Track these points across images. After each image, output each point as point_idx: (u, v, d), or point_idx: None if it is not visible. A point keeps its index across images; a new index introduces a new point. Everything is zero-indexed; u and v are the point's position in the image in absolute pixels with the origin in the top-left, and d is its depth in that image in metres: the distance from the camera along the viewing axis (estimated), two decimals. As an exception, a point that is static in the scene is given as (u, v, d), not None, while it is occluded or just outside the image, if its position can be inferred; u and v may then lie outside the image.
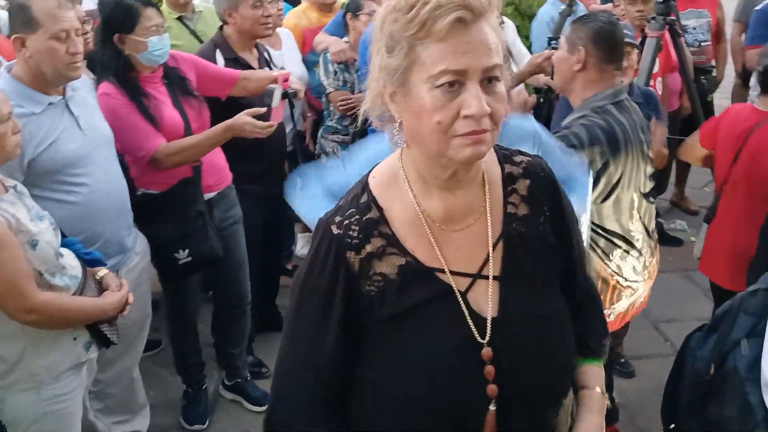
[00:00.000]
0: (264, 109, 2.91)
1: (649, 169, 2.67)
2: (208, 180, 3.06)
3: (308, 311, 1.29)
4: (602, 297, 2.65)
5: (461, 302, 1.24)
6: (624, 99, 2.58)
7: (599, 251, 2.62)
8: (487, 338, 1.23)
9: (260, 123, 2.86)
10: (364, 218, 1.26)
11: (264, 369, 3.66)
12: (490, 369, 1.22)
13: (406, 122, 1.20)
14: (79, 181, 2.48)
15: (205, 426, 3.29)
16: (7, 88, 2.34)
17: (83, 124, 2.53)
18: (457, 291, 1.24)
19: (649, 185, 2.68)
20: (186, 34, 4.09)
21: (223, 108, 3.16)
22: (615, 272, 2.63)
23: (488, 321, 1.24)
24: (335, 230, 1.26)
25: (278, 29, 4.00)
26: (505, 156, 1.36)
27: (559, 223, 1.36)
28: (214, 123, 3.00)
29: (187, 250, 2.89)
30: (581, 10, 4.82)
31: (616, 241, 2.62)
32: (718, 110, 5.63)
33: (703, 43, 5.11)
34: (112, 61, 2.82)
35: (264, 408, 3.31)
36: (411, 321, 1.23)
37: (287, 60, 3.91)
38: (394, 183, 1.29)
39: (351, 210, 1.27)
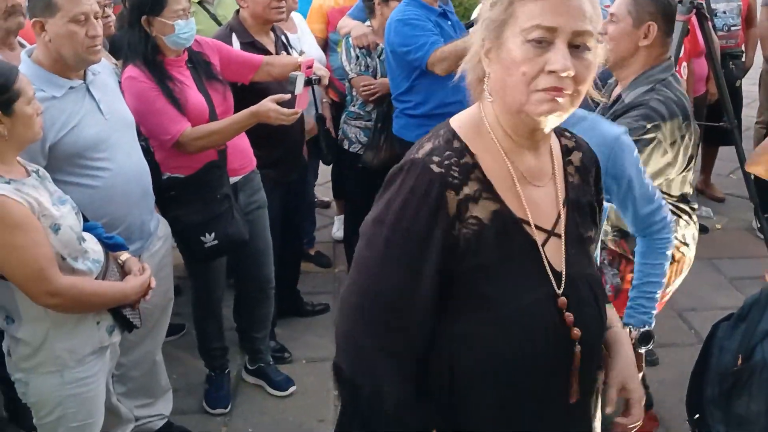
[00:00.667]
0: (288, 96, 2.90)
1: None
2: (234, 164, 3.06)
3: (401, 253, 1.25)
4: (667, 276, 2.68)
5: (543, 256, 1.31)
6: (675, 71, 2.61)
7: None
8: (563, 289, 1.32)
9: (285, 110, 2.85)
10: (462, 160, 1.28)
11: (287, 354, 3.68)
12: (569, 316, 1.31)
13: (494, 75, 1.26)
14: (100, 165, 2.49)
15: (227, 410, 3.30)
16: (28, 72, 2.33)
17: (104, 108, 2.53)
18: (540, 243, 1.31)
19: None
20: (206, 18, 4.09)
21: (245, 93, 3.15)
22: (682, 242, 2.64)
23: (563, 274, 1.33)
24: (436, 168, 1.25)
25: (292, 13, 3.99)
26: (559, 130, 1.45)
27: (598, 197, 1.49)
28: (236, 108, 2.99)
29: (213, 234, 2.89)
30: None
31: (682, 206, 2.65)
32: (747, 96, 5.56)
33: (732, 28, 5.03)
34: (140, 44, 2.82)
35: (287, 392, 3.38)
36: (501, 270, 1.27)
37: (304, 43, 3.89)
38: (479, 135, 1.32)
39: (448, 152, 1.28)
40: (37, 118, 2.12)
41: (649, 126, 2.37)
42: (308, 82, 3.03)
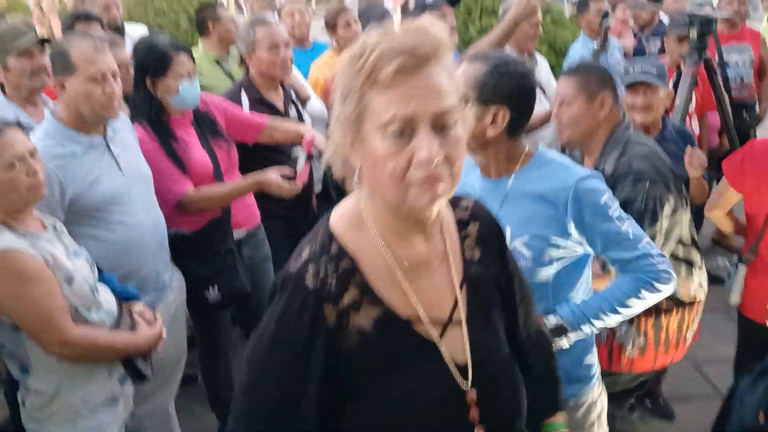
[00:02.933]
0: (291, 171, 2.98)
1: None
2: (238, 217, 3.12)
3: (280, 371, 1.19)
4: (683, 325, 2.67)
5: (441, 350, 1.22)
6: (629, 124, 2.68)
7: (683, 269, 2.62)
8: (470, 382, 1.23)
9: (286, 184, 2.93)
10: (339, 268, 1.20)
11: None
12: (475, 412, 1.23)
13: (366, 170, 1.18)
14: (118, 219, 2.55)
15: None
16: (50, 129, 2.44)
17: (123, 163, 2.61)
18: (436, 339, 1.23)
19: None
20: (221, 75, 4.22)
21: (248, 151, 3.26)
22: (699, 287, 2.65)
23: (469, 366, 1.24)
24: (311, 282, 1.18)
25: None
26: (452, 200, 1.34)
27: (505, 268, 1.38)
28: (241, 162, 3.10)
29: (217, 288, 2.95)
30: (614, 46, 4.84)
31: (693, 252, 2.65)
32: (761, 146, 5.55)
33: (745, 79, 5.06)
34: (144, 104, 2.92)
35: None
36: (393, 375, 1.20)
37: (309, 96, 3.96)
38: (359, 229, 1.24)
39: (324, 258, 1.20)
40: (25, 179, 2.13)
41: (647, 187, 2.43)
42: (309, 158, 3.12)
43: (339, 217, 1.27)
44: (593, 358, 2.12)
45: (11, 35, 2.97)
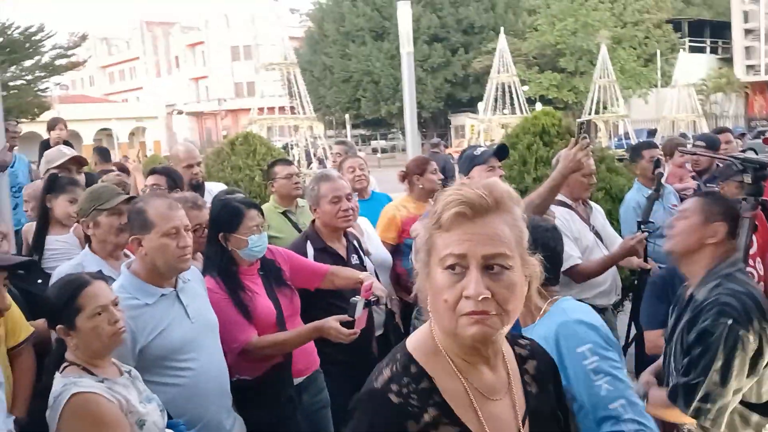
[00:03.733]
0: (350, 318, 3.08)
1: None
2: (298, 364, 3.21)
3: None
4: None
5: None
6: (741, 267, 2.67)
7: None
8: None
9: (345, 330, 3.03)
10: (419, 387, 1.30)
11: None
12: None
13: (429, 301, 1.34)
14: (185, 366, 2.68)
15: None
16: (125, 282, 2.64)
17: (191, 312, 2.77)
18: None
19: None
20: (288, 227, 4.45)
21: (311, 296, 3.41)
22: None
23: None
24: (395, 399, 1.29)
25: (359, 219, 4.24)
26: (512, 338, 1.48)
27: (560, 403, 1.50)
28: (303, 308, 3.24)
29: None
30: (669, 191, 4.90)
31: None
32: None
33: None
34: (216, 257, 3.12)
35: None
36: None
37: (370, 245, 4.11)
38: (434, 355, 1.35)
39: (406, 378, 1.31)
40: (108, 328, 2.32)
41: (729, 322, 2.39)
42: (367, 304, 3.23)
43: (415, 342, 1.40)
44: None
45: (106, 195, 3.26)
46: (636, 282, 4.07)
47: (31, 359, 3.05)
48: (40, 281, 3.42)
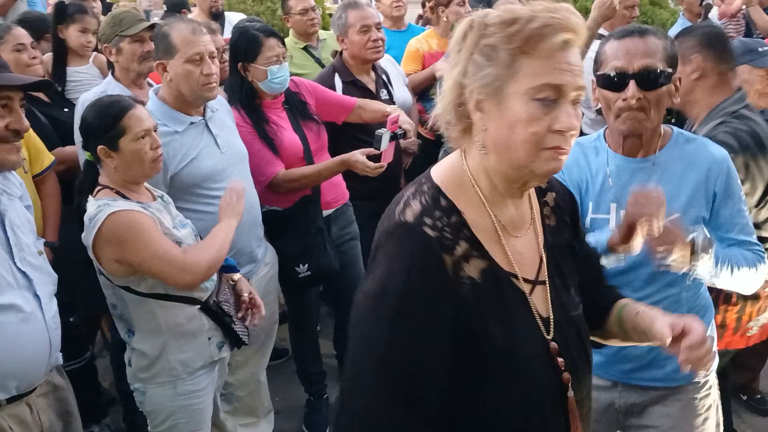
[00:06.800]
0: (377, 152, 3.03)
1: None
2: (327, 197, 3.21)
3: (416, 323, 1.19)
4: (747, 311, 2.58)
5: (532, 306, 1.31)
6: (749, 103, 2.55)
7: None
8: (551, 335, 1.32)
9: (371, 163, 2.98)
10: (451, 220, 1.26)
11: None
12: (561, 361, 1.31)
13: (493, 131, 1.23)
14: (215, 195, 2.67)
15: (324, 433, 3.40)
16: (153, 108, 2.58)
17: (221, 142, 2.74)
18: (528, 296, 1.31)
19: None
20: (311, 62, 4.32)
21: (338, 130, 3.33)
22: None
23: (551, 321, 1.33)
24: (431, 233, 1.23)
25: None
26: None
27: (577, 236, 1.49)
28: (330, 143, 3.17)
29: (306, 265, 3.04)
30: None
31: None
32: None
33: None
34: (237, 88, 3.04)
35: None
36: (498, 326, 1.25)
37: (394, 84, 4.01)
38: (462, 188, 1.30)
39: (437, 212, 1.26)
40: (150, 152, 2.30)
41: None
42: (393, 137, 3.17)
43: (443, 173, 1.33)
44: (713, 332, 2.14)
45: (128, 21, 3.14)
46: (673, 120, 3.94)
47: (56, 186, 3.09)
48: (66, 110, 3.38)
